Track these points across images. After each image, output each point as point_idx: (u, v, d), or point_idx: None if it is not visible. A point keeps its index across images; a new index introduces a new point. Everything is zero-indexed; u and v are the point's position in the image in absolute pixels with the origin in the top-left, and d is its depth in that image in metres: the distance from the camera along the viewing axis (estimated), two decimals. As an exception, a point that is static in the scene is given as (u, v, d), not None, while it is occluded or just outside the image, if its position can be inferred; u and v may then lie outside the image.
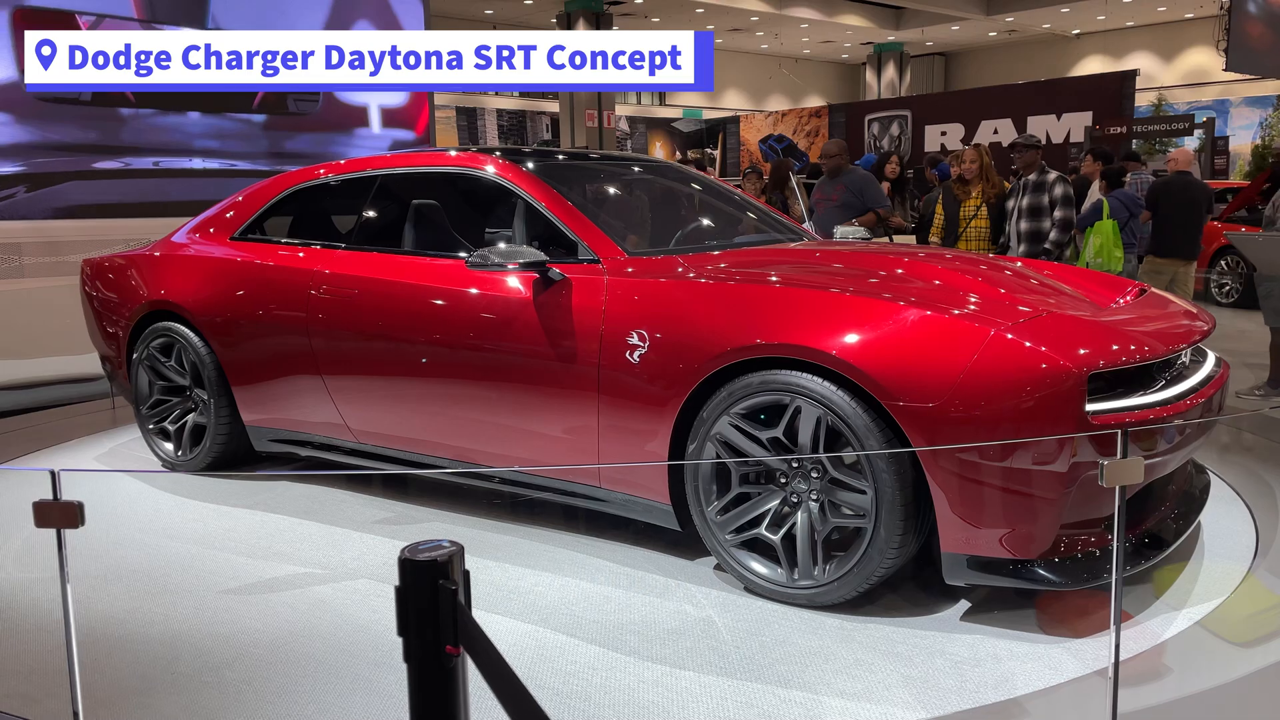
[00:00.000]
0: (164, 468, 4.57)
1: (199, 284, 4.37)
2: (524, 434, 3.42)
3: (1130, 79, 14.00)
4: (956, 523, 2.66)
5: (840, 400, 2.73)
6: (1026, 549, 2.65)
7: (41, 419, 5.91)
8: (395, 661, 2.66)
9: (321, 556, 3.45)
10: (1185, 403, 2.84)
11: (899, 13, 28.07)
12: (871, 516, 2.74)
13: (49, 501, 1.95)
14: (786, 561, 2.92)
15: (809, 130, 21.10)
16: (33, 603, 3.13)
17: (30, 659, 2.77)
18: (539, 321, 3.31)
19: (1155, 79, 27.40)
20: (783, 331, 2.84)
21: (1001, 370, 2.59)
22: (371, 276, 3.82)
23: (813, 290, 3.00)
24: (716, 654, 2.67)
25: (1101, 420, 2.59)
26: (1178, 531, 3.03)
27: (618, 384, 3.12)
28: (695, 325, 3.01)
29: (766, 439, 2.91)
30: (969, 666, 2.57)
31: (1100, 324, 2.96)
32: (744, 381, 2.89)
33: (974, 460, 2.60)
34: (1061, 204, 6.26)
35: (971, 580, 2.73)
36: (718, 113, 28.95)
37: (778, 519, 2.95)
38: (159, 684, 2.59)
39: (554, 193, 3.59)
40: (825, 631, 2.79)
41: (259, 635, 2.85)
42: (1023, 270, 3.60)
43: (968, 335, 2.67)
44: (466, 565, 1.37)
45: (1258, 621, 2.93)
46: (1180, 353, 3.00)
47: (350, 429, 3.97)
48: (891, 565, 2.78)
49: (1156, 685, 2.51)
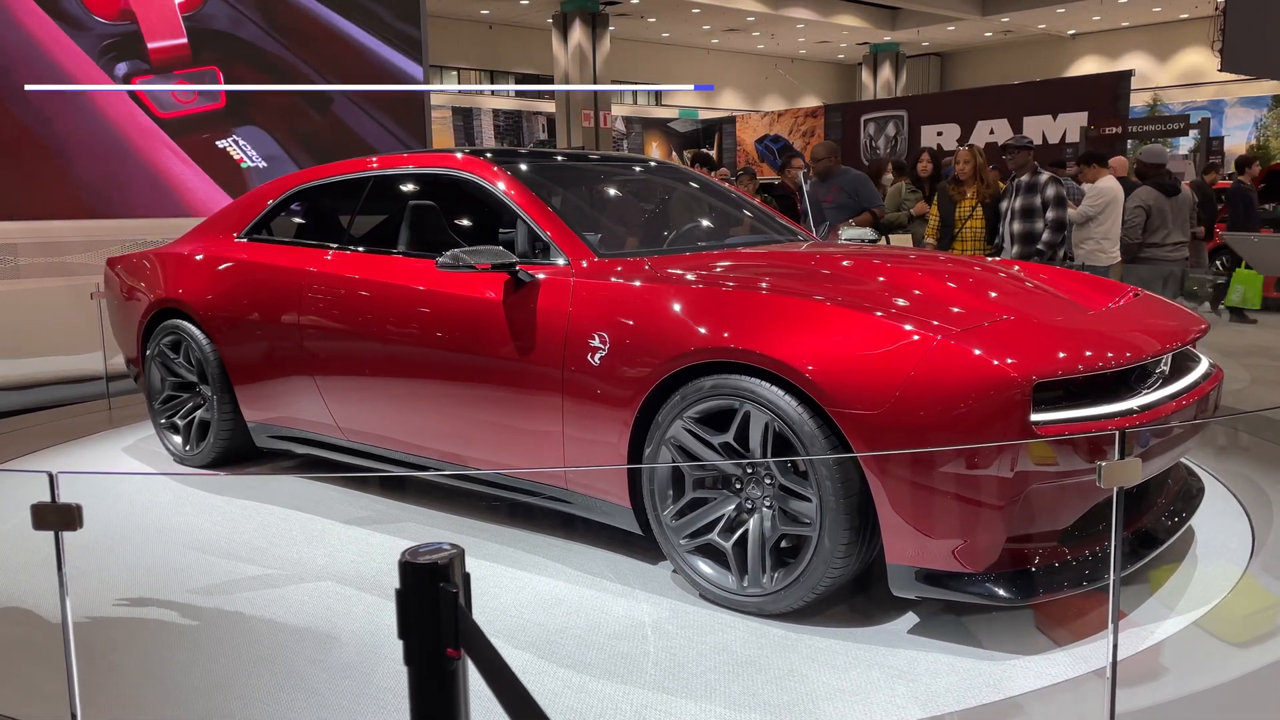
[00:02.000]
0: (174, 462, 4.67)
1: (204, 283, 4.48)
2: (493, 435, 3.45)
3: (1126, 79, 14.02)
4: (899, 533, 2.59)
5: (787, 406, 2.69)
6: (973, 562, 2.57)
7: (39, 419, 5.90)
8: (396, 664, 2.66)
9: (316, 557, 3.45)
10: (1153, 412, 2.75)
11: (895, 13, 28.11)
12: (816, 525, 2.69)
13: (47, 504, 1.94)
14: (737, 568, 2.88)
15: (805, 130, 21.10)
16: (32, 604, 3.12)
17: (29, 660, 2.77)
18: (508, 322, 3.32)
19: (1150, 79, 27.47)
20: (732, 335, 2.81)
21: (944, 378, 2.52)
22: (353, 276, 3.90)
23: (762, 294, 2.97)
24: (651, 662, 2.64)
25: (1047, 431, 2.51)
26: (1161, 539, 2.99)
27: (580, 386, 3.12)
28: (652, 328, 2.99)
29: (718, 444, 2.87)
30: (903, 680, 2.51)
31: (1062, 331, 2.88)
32: (696, 385, 2.87)
33: (915, 469, 2.54)
34: (1054, 205, 6.26)
35: (920, 593, 2.65)
36: (714, 113, 28.95)
37: (731, 525, 2.91)
38: (158, 686, 2.59)
39: (529, 193, 3.60)
40: (767, 640, 2.74)
41: (258, 637, 2.84)
42: (1011, 274, 3.52)
43: (912, 342, 2.61)
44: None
45: (1254, 621, 2.94)
46: (1158, 359, 2.94)
47: (339, 427, 4.03)
48: (839, 575, 2.72)
49: (1153, 685, 2.51)
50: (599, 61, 23.59)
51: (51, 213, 7.07)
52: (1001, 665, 2.59)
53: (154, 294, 4.67)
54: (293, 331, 4.06)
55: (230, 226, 4.64)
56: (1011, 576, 2.60)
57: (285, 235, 4.54)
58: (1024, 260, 6.24)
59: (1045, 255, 6.28)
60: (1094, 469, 2.61)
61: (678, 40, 30.29)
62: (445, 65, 26.70)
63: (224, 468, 4.59)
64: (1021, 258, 6.29)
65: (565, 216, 3.58)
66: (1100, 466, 2.05)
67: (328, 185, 4.42)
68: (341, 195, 4.38)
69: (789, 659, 2.64)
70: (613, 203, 4.41)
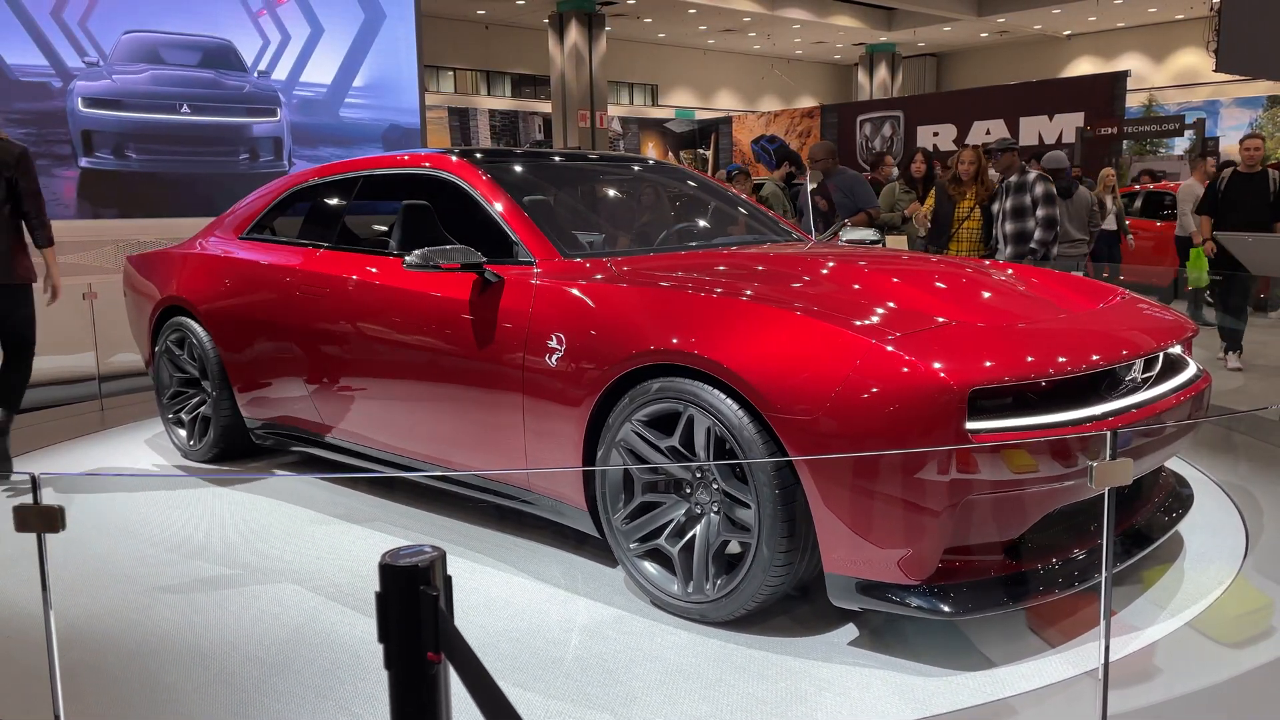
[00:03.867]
0: (180, 456, 4.76)
1: (203, 280, 4.58)
2: (462, 434, 3.46)
3: (1122, 80, 14.03)
4: (834, 542, 2.53)
5: (728, 410, 2.64)
6: (909, 573, 2.49)
7: (31, 420, 5.87)
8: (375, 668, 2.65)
9: (292, 558, 3.43)
10: (1109, 422, 2.63)
11: (891, 13, 28.13)
12: (755, 532, 2.63)
13: (29, 505, 1.92)
14: (682, 574, 2.84)
15: (801, 131, 21.10)
16: (13, 605, 3.10)
17: (11, 662, 2.75)
18: (473, 322, 3.33)
19: (1146, 80, 27.51)
20: (675, 338, 2.77)
21: (878, 384, 2.46)
22: (334, 275, 3.95)
23: (706, 296, 2.92)
24: (580, 668, 2.60)
25: (981, 439, 2.43)
26: (1133, 551, 2.89)
27: (540, 386, 3.10)
28: (603, 330, 2.97)
29: (665, 447, 2.83)
30: (831, 692, 2.46)
31: (1018, 337, 2.77)
32: (643, 388, 2.84)
33: (848, 476, 2.47)
34: (1043, 203, 6.25)
35: (859, 604, 2.57)
36: (710, 113, 28.96)
37: (680, 530, 2.86)
38: (141, 688, 2.57)
39: (501, 192, 3.59)
40: (704, 649, 2.69)
41: (242, 639, 2.82)
42: (992, 277, 3.41)
43: (848, 346, 2.55)
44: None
45: (1246, 622, 2.93)
46: (1126, 364, 2.83)
47: (325, 425, 4.08)
48: (780, 584, 2.67)
49: (1146, 686, 2.50)
50: (595, 62, 23.58)
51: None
52: (946, 680, 2.56)
53: (162, 291, 4.77)
54: (282, 330, 4.12)
55: (235, 224, 4.74)
56: (950, 589, 2.50)
57: (287, 234, 4.60)
58: (1018, 260, 6.26)
59: (1039, 254, 6.28)
60: (1041, 478, 2.51)
61: (674, 40, 30.30)
62: (441, 65, 26.69)
63: (226, 463, 4.64)
64: (1015, 258, 6.29)
65: (537, 216, 3.54)
66: (1092, 467, 2.03)
67: (320, 185, 4.48)
68: (332, 195, 4.42)
69: (719, 669, 2.58)
70: (592, 203, 4.38)
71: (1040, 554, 2.68)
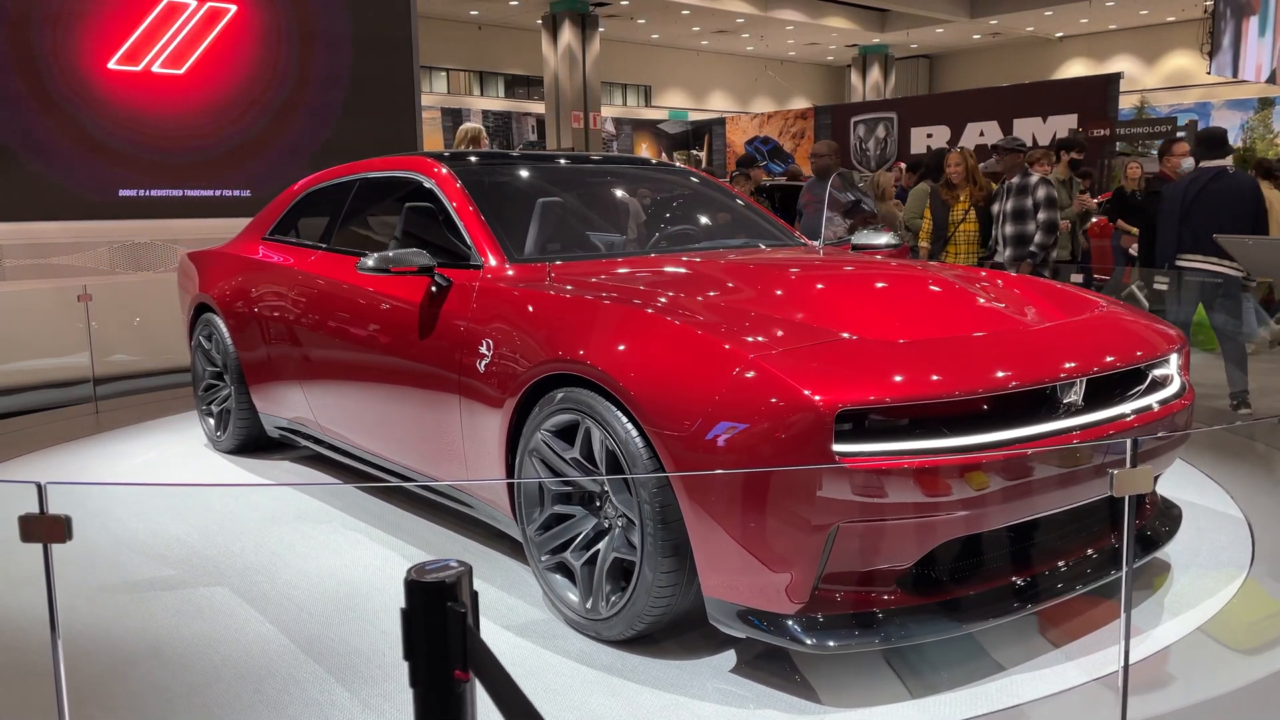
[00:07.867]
0: (208, 443, 5.01)
1: (227, 280, 4.76)
2: (412, 435, 3.50)
3: (1114, 82, 14.07)
4: (709, 565, 2.42)
5: (617, 423, 2.55)
6: (779, 601, 2.35)
7: (25, 424, 5.81)
8: (383, 679, 2.61)
9: (303, 564, 3.40)
10: (1010, 447, 2.42)
11: (884, 15, 28.20)
12: (639, 552, 2.53)
13: (35, 515, 1.89)
14: (582, 589, 2.76)
15: (795, 132, 21.14)
16: (19, 613, 3.06)
17: (17, 670, 2.71)
18: (421, 324, 3.34)
19: (1138, 82, 27.61)
20: (581, 348, 2.71)
21: (748, 401, 2.33)
22: (323, 277, 4.06)
23: (606, 305, 2.85)
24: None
25: (851, 463, 2.25)
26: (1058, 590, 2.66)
27: (472, 391, 3.09)
28: (523, 336, 2.94)
29: (570, 459, 2.76)
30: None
31: (922, 354, 2.54)
32: (549, 397, 2.79)
33: (719, 497, 2.36)
34: (1045, 206, 6.23)
35: (739, 630, 2.44)
36: (703, 114, 28.97)
37: (587, 544, 2.78)
38: (147, 697, 2.54)
39: (462, 194, 3.56)
40: (597, 666, 2.62)
41: (250, 649, 2.79)
42: (949, 289, 3.13)
43: (726, 361, 2.42)
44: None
45: (1258, 629, 2.92)
46: (1052, 384, 2.58)
47: (318, 423, 4.19)
48: (667, 607, 2.54)
49: (1163, 693, 2.48)
50: (588, 63, 23.57)
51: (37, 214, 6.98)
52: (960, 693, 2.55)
53: (196, 289, 5.00)
54: (282, 330, 4.27)
55: (262, 226, 4.87)
56: (822, 620, 2.36)
57: (304, 236, 4.68)
58: (1017, 263, 6.25)
59: (1038, 257, 6.27)
60: (927, 504, 2.31)
61: (667, 41, 30.30)
62: (434, 66, 26.63)
63: (246, 454, 4.84)
64: (1014, 260, 6.28)
65: (494, 221, 3.47)
66: (1112, 475, 2.01)
67: (326, 188, 4.56)
68: (334, 197, 4.45)
69: (586, 691, 2.49)
70: (574, 207, 4.10)
71: (930, 588, 2.50)
